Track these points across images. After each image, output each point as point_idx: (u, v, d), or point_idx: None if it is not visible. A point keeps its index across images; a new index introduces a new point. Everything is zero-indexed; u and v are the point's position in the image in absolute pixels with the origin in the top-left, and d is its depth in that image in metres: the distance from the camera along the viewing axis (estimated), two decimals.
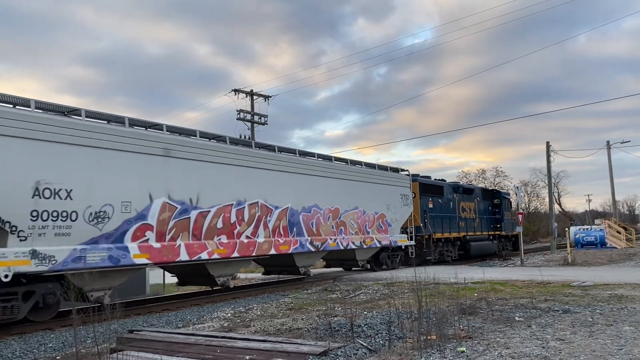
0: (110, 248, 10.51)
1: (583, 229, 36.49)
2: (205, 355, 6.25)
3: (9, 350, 8.10)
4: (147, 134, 11.51)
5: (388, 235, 19.36)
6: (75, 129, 10.06)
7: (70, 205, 9.83)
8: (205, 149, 12.70)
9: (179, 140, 12.19)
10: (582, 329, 7.39)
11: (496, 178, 66.52)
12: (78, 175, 9.98)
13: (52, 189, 9.57)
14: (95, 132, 10.39)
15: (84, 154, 10.14)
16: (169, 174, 11.75)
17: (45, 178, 9.46)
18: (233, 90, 31.87)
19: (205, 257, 12.45)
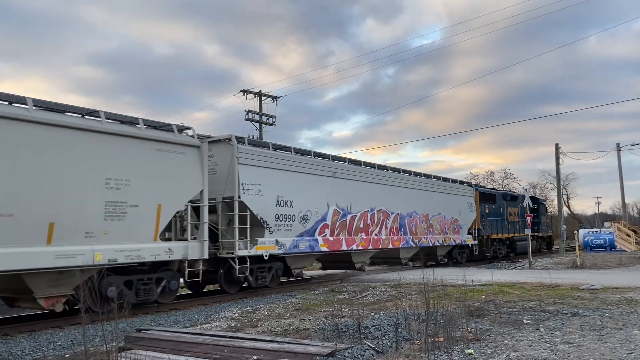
0: (309, 240, 15.48)
1: (592, 231, 36.24)
2: (212, 354, 6.27)
3: (18, 348, 8.17)
4: (323, 162, 16.67)
5: (460, 236, 23.94)
6: (294, 161, 15.24)
7: (291, 211, 14.87)
8: (354, 172, 17.81)
9: (339, 165, 17.22)
10: (591, 332, 7.34)
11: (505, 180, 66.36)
12: (295, 192, 14.98)
13: (284, 200, 14.64)
14: (303, 163, 15.63)
15: (298, 177, 15.25)
16: (335, 189, 16.68)
17: (281, 194, 14.51)
18: (242, 90, 32.02)
19: (353, 248, 17.33)
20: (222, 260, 13.33)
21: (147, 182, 10.95)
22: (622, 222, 37.69)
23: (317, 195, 15.81)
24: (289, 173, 14.86)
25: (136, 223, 10.67)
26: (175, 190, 11.56)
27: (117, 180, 10.39)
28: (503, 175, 68.43)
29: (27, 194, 8.97)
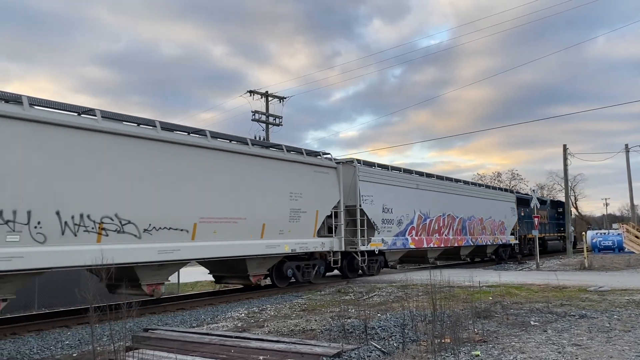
0: (402, 239, 19.28)
1: (600, 233, 36.02)
2: (219, 354, 6.28)
3: (26, 347, 8.22)
4: (410, 177, 20.60)
5: (505, 236, 27.76)
6: (392, 177, 19.28)
7: (391, 216, 18.79)
8: (431, 183, 21.63)
9: (420, 179, 21.06)
10: (599, 334, 7.30)
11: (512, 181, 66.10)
12: (393, 201, 18.89)
13: (387, 207, 18.56)
14: (398, 179, 19.55)
15: (395, 189, 19.19)
16: (419, 198, 20.53)
17: (385, 203, 18.43)
18: (248, 91, 32.04)
19: (431, 246, 20.99)
20: (345, 253, 17.19)
21: (310, 194, 15.37)
22: (630, 224, 37.39)
23: (408, 203, 19.88)
24: (389, 186, 18.88)
25: (305, 224, 15.21)
26: (325, 200, 16.10)
27: (296, 194, 14.91)
28: (510, 176, 68.16)
29: (253, 204, 13.50)
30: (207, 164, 12.35)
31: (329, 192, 16.30)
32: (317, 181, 15.74)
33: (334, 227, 16.52)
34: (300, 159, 15.33)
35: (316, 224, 15.62)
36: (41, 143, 9.30)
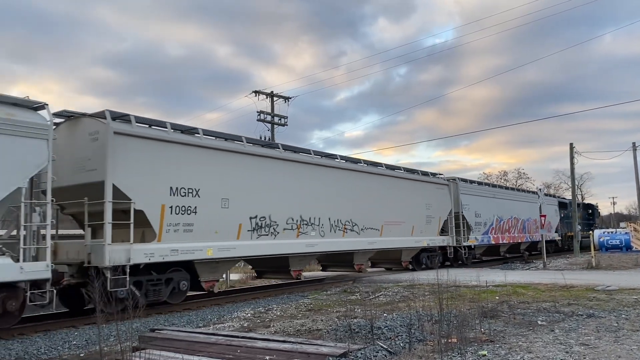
0: (486, 237, 24.91)
1: (607, 232, 35.80)
2: (225, 354, 6.29)
3: (34, 347, 8.27)
4: (491, 189, 27.34)
5: (551, 234, 33.07)
6: (480, 189, 25.48)
7: (480, 220, 24.55)
8: (504, 193, 28.48)
9: (497, 190, 27.88)
10: (607, 334, 7.25)
11: (518, 180, 65.90)
12: (481, 207, 24.72)
13: (478, 213, 24.30)
14: (483, 190, 25.76)
15: (482, 199, 25.01)
16: (496, 205, 26.38)
17: (477, 210, 24.25)
18: (253, 91, 32.06)
19: (504, 242, 26.98)
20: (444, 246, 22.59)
21: (435, 204, 21.75)
22: (638, 223, 37.16)
23: (490, 209, 25.62)
24: (479, 197, 24.75)
25: (433, 226, 21.57)
26: (443, 208, 22.37)
27: (428, 204, 21.32)
28: (517, 175, 67.99)
29: (408, 212, 19.88)
30: (383, 186, 18.83)
31: (445, 202, 22.62)
32: (438, 195, 22.23)
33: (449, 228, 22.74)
34: (430, 180, 22.07)
35: (439, 226, 22.06)
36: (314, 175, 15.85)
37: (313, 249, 15.39)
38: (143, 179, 10.96)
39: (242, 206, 13.14)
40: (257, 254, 13.67)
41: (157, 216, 11.15)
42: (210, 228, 12.29)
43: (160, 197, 11.26)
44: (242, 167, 13.31)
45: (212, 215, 12.36)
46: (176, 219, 11.53)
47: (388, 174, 19.25)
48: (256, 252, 13.60)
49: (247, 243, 13.23)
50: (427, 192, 21.21)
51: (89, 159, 10.66)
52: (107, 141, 10.36)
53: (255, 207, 13.53)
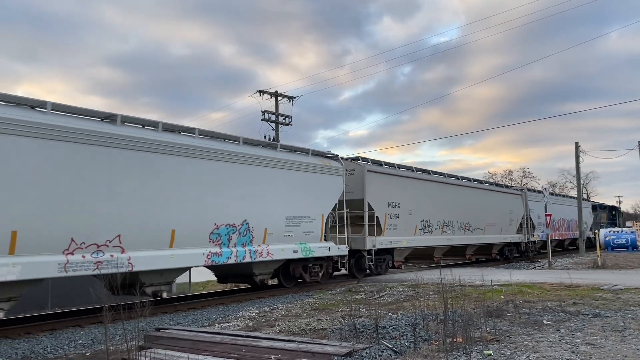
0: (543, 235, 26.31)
1: (613, 231, 35.65)
2: (230, 354, 6.30)
3: (40, 346, 8.31)
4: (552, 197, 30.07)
5: (587, 232, 37.40)
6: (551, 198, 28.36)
7: (541, 220, 27.77)
8: (557, 199, 33.49)
9: (552, 198, 30.36)
10: (613, 333, 7.23)
11: (523, 179, 65.77)
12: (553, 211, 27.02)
13: (539, 215, 28.49)
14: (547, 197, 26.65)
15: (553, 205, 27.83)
16: (555, 208, 29.90)
17: (539, 213, 28.31)
18: (258, 91, 32.11)
19: (555, 239, 31.86)
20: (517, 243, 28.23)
21: (514, 209, 27.50)
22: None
23: (554, 212, 28.21)
24: (540, 203, 27.95)
25: (512, 226, 27.12)
26: (518, 212, 27.92)
27: (511, 210, 27.18)
28: (522, 174, 67.92)
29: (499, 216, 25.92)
30: (485, 197, 25.09)
31: (520, 208, 28.25)
32: (516, 202, 28.02)
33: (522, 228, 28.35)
34: (511, 191, 28.28)
35: (516, 226, 27.67)
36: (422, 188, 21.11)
37: (450, 242, 22.30)
38: (378, 197, 18.07)
39: (417, 214, 20.15)
40: (423, 244, 20.50)
41: (383, 219, 18.26)
42: (404, 228, 19.38)
43: (384, 208, 18.40)
44: (418, 189, 20.64)
45: (405, 219, 19.43)
46: (390, 221, 18.65)
47: (488, 189, 26.24)
48: (422, 243, 20.44)
49: (418, 237, 20.20)
50: (509, 200, 27.47)
51: (347, 184, 17.07)
52: (364, 176, 17.70)
53: (423, 214, 20.49)
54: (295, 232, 14.74)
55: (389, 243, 18.44)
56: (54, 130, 9.48)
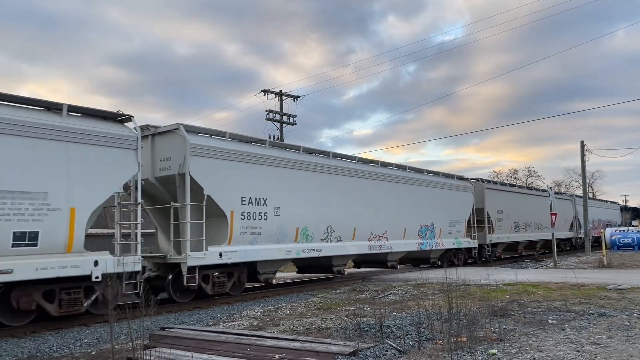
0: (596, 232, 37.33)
1: (619, 230, 35.50)
2: (235, 353, 6.32)
3: (46, 345, 8.35)
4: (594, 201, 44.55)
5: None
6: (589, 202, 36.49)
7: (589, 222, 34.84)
8: (595, 203, 44.01)
9: (591, 202, 39.27)
10: (618, 333, 7.20)
11: (528, 178, 65.61)
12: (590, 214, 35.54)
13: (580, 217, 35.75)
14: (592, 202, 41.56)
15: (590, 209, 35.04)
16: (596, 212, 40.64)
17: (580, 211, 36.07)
18: (262, 90, 32.15)
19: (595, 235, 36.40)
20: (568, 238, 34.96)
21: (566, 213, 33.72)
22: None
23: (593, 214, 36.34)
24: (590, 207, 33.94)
25: (564, 224, 33.00)
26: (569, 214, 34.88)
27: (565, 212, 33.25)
28: (527, 173, 67.76)
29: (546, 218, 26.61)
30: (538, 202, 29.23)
31: (571, 210, 34.80)
32: (567, 205, 33.71)
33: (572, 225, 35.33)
34: (561, 197, 32.86)
35: (569, 225, 33.64)
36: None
37: (529, 238, 29.54)
38: (491, 206, 25.25)
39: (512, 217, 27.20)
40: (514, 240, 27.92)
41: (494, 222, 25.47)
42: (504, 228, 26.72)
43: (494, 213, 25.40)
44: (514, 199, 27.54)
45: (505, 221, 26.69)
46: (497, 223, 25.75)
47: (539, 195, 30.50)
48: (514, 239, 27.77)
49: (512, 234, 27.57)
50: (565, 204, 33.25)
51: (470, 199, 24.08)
52: (484, 192, 24.85)
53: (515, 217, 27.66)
54: (453, 231, 22.22)
55: (497, 239, 25.52)
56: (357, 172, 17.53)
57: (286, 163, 14.60)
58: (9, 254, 8.97)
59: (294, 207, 14.56)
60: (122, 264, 10.32)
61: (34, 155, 9.41)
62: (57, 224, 9.60)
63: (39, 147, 9.48)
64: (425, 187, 20.75)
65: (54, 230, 9.54)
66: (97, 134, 10.36)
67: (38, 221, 9.36)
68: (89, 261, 9.96)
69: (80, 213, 9.97)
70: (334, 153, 17.00)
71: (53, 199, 9.57)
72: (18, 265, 8.98)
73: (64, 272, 9.58)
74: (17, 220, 9.10)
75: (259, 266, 13.95)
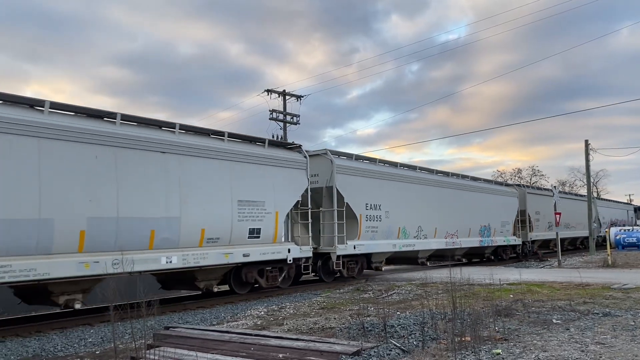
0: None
1: (624, 229, 35.38)
2: (239, 352, 6.32)
3: (51, 344, 8.38)
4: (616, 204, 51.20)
5: None
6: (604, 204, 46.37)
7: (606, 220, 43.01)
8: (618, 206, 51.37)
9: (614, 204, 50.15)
10: (623, 332, 7.17)
11: (532, 177, 65.41)
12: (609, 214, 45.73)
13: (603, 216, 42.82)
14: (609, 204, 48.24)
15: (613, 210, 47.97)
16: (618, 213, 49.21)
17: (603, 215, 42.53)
18: (266, 90, 32.17)
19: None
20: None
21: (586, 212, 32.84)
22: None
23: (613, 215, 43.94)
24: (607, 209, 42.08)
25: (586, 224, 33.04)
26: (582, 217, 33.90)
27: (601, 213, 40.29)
28: (531, 173, 67.55)
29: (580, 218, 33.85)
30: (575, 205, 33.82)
31: (592, 211, 33.58)
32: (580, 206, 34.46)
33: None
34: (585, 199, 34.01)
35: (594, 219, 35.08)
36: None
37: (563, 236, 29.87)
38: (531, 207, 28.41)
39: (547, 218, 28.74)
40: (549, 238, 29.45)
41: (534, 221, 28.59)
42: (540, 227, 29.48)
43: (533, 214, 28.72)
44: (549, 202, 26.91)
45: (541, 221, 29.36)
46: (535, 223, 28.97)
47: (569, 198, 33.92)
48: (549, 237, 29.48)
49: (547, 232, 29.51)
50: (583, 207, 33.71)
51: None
52: (525, 196, 28.03)
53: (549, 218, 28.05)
54: (503, 230, 25.65)
55: (536, 236, 28.47)
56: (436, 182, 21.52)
57: (392, 177, 18.82)
58: (246, 243, 13.07)
59: (398, 211, 18.45)
60: (302, 251, 14.85)
61: (258, 175, 13.48)
62: (269, 223, 13.75)
63: (260, 170, 13.58)
64: (484, 194, 24.61)
65: (268, 227, 13.69)
66: (287, 159, 14.62)
67: (260, 221, 13.45)
68: (285, 249, 14.25)
69: (281, 215, 14.13)
70: (420, 167, 21.35)
71: (267, 205, 13.68)
72: (252, 251, 13.16)
73: (272, 256, 13.82)
74: (251, 220, 13.19)
75: (373, 257, 17.92)
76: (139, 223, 10.67)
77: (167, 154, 11.39)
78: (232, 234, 12.61)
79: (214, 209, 12.20)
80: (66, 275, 9.54)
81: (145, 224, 10.79)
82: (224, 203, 12.48)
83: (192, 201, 11.74)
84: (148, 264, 10.79)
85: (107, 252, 10.04)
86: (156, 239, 10.96)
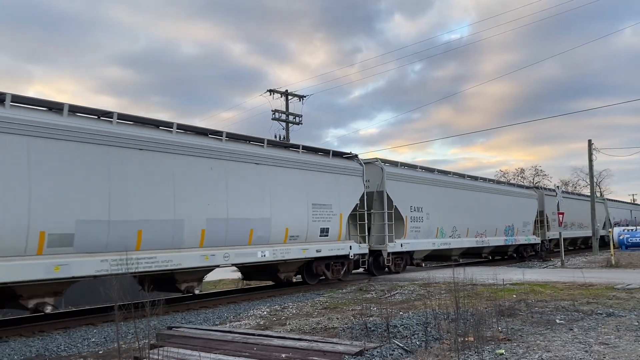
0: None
1: (628, 229, 35.26)
2: (242, 352, 6.32)
3: (54, 344, 8.39)
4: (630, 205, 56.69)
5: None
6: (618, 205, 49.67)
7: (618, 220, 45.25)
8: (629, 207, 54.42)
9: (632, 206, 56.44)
10: (627, 333, 7.15)
11: (535, 177, 65.32)
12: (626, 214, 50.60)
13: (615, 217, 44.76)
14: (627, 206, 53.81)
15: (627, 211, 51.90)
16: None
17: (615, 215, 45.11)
18: (268, 90, 32.21)
19: None
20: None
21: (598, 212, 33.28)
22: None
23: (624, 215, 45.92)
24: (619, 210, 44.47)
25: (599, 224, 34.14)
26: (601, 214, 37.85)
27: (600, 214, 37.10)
28: (534, 173, 67.46)
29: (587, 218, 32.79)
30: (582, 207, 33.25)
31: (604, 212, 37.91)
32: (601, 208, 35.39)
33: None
34: (597, 200, 34.04)
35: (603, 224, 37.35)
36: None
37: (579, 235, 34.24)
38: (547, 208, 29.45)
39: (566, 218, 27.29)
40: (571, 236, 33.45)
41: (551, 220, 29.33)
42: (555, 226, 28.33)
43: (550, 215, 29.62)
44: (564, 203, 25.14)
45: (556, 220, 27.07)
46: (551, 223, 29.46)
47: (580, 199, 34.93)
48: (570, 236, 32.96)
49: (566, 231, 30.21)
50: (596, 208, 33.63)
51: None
52: (543, 198, 29.65)
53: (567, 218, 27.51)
54: (525, 230, 27.47)
55: (553, 235, 29.92)
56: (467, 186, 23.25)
57: (430, 182, 20.67)
58: (318, 241, 15.10)
59: (436, 213, 20.31)
60: (361, 248, 16.91)
61: (327, 182, 15.56)
62: (335, 223, 15.72)
63: (327, 178, 15.67)
64: (508, 196, 26.45)
65: (334, 227, 15.68)
66: (348, 167, 16.75)
67: (328, 221, 15.45)
68: (347, 246, 16.21)
69: (344, 216, 16.20)
70: (453, 172, 23.17)
71: (334, 208, 15.69)
72: (322, 247, 15.17)
73: (338, 252, 15.83)
74: (321, 220, 15.18)
75: (415, 254, 19.83)
76: (242, 223, 12.82)
77: (260, 165, 13.52)
78: (307, 233, 14.79)
79: (294, 211, 14.36)
80: (192, 266, 11.72)
81: (246, 224, 12.94)
82: (301, 206, 14.60)
83: (279, 204, 13.83)
84: (248, 257, 13.00)
85: (219, 247, 12.22)
86: (254, 237, 13.13)
